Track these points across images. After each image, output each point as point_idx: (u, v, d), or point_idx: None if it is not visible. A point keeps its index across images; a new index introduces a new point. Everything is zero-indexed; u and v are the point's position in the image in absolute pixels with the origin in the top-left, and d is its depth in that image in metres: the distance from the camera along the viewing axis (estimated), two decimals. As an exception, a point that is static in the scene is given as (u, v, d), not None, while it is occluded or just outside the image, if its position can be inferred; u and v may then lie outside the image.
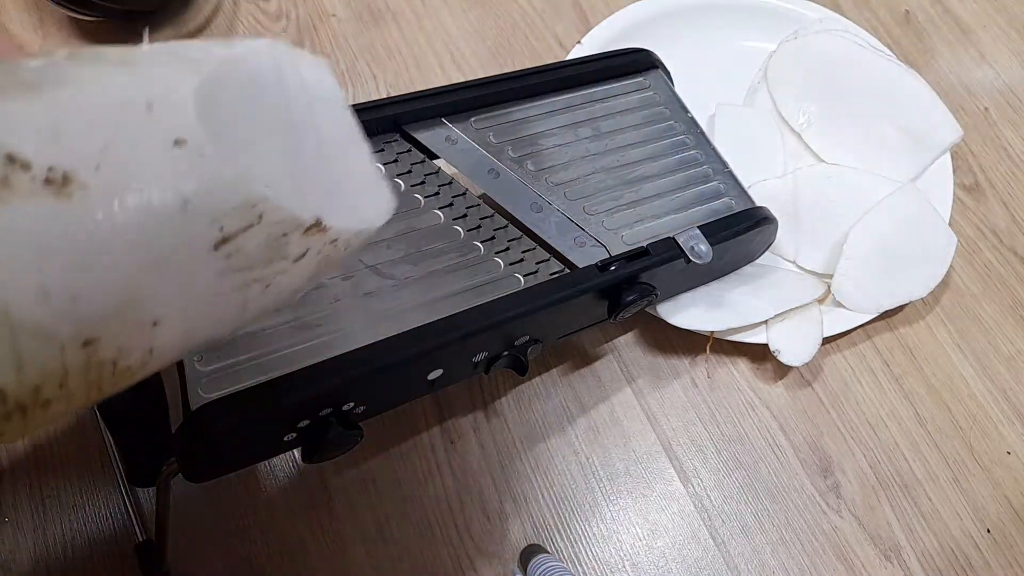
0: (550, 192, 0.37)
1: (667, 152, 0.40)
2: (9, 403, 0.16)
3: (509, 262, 0.34)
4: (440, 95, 0.37)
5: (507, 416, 0.42)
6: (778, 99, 0.48)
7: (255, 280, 0.20)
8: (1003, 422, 0.43)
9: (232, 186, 0.18)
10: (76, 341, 0.16)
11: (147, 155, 0.17)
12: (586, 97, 0.41)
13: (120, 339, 0.17)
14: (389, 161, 0.35)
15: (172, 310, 0.18)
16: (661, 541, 0.40)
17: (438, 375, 0.32)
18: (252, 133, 0.20)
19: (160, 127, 0.18)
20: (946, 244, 0.44)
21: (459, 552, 0.39)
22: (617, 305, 0.35)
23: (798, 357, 0.41)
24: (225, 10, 0.52)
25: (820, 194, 0.45)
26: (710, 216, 0.38)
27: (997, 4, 0.57)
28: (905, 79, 0.48)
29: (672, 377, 0.44)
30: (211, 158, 0.18)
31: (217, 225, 0.18)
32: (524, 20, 0.54)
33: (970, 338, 0.45)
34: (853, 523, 0.40)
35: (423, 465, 0.41)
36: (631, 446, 0.42)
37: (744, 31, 0.52)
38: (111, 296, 0.17)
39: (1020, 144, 0.52)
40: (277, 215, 0.19)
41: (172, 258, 0.18)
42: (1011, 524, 0.41)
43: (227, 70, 0.20)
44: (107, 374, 0.18)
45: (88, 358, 0.17)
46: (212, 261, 0.18)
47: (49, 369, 0.16)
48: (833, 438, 0.42)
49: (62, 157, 0.16)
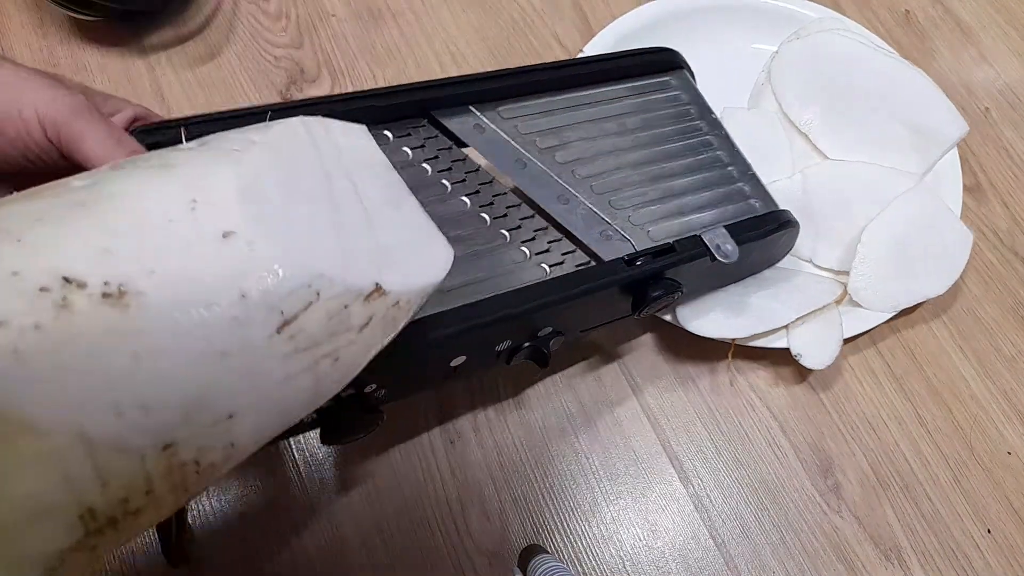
0: (577, 185, 0.37)
1: (693, 151, 0.40)
2: (99, 519, 0.16)
3: (535, 252, 0.34)
4: (470, 82, 0.37)
5: (507, 416, 0.42)
6: (783, 100, 0.48)
7: (323, 356, 0.20)
8: (1004, 423, 0.43)
9: (285, 270, 0.19)
10: (155, 449, 0.16)
11: (198, 253, 0.18)
12: (613, 93, 0.41)
13: (198, 439, 0.17)
14: (416, 146, 0.35)
15: (245, 401, 0.18)
16: (661, 541, 0.40)
17: (461, 362, 0.32)
18: (297, 213, 0.20)
19: (206, 224, 0.18)
20: (961, 241, 0.44)
21: (459, 552, 0.39)
22: (642, 300, 0.35)
23: (821, 360, 0.40)
24: (225, 10, 0.52)
25: (832, 191, 0.45)
26: (735, 217, 0.38)
27: (997, 4, 0.57)
28: (908, 76, 0.48)
29: (672, 377, 0.43)
30: (260, 246, 0.18)
31: (276, 311, 0.18)
32: (524, 20, 0.54)
33: (971, 339, 0.45)
34: (853, 523, 0.40)
35: (423, 465, 0.41)
36: (631, 446, 0.42)
37: (745, 33, 0.52)
38: (181, 399, 0.17)
39: (1021, 144, 0.52)
40: (334, 289, 0.20)
41: (236, 350, 0.18)
42: (1011, 524, 0.41)
43: (265, 156, 0.21)
44: (191, 474, 0.18)
45: (170, 462, 0.17)
46: (276, 346, 0.19)
47: (133, 480, 0.16)
48: (834, 438, 0.42)
49: (116, 270, 0.16)
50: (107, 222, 0.17)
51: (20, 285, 0.15)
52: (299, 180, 0.21)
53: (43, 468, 0.15)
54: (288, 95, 0.50)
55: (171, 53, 0.50)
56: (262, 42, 0.52)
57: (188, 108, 0.49)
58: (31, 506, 0.15)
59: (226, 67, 0.50)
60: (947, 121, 0.46)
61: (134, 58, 0.50)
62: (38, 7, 0.51)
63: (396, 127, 0.34)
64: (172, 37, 0.51)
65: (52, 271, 0.16)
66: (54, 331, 0.15)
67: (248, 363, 0.18)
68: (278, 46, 0.52)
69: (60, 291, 0.15)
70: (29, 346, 0.15)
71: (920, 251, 0.44)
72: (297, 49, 0.52)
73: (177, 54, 0.50)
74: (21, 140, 0.26)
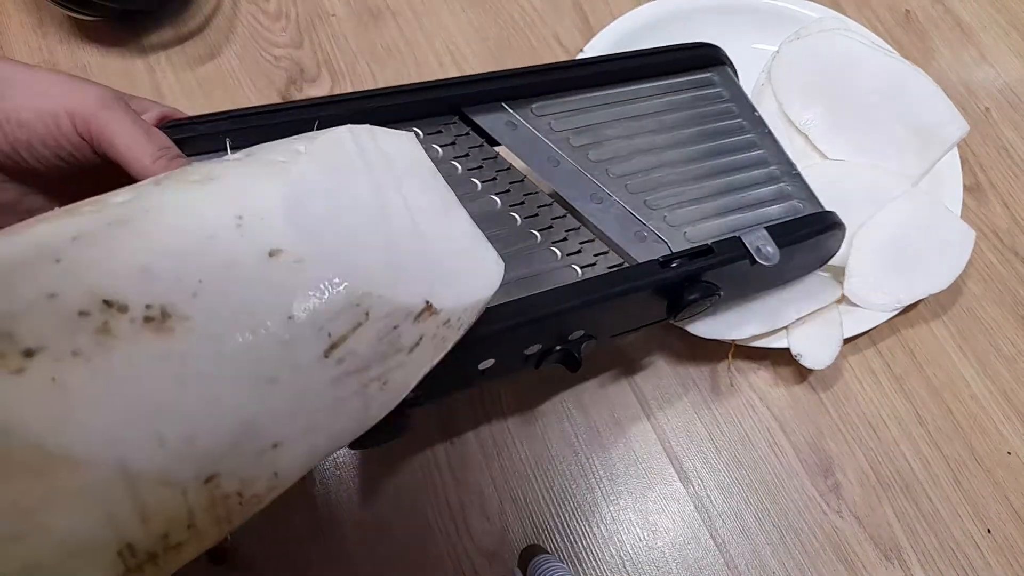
0: (611, 184, 0.36)
1: (733, 150, 0.39)
2: (139, 555, 0.15)
3: (566, 252, 0.33)
4: (502, 79, 0.36)
5: (507, 416, 0.42)
6: (783, 100, 0.48)
7: (372, 380, 0.19)
8: (1004, 422, 0.43)
9: (333, 289, 0.18)
10: (198, 481, 0.16)
11: (243, 272, 0.17)
12: (650, 90, 0.40)
13: (242, 470, 0.17)
14: (446, 143, 0.34)
15: (291, 429, 0.18)
16: (661, 541, 0.40)
17: (489, 365, 0.31)
18: (345, 227, 0.20)
19: (252, 241, 0.17)
20: (962, 237, 0.45)
21: (459, 552, 0.39)
22: (678, 304, 0.34)
23: (821, 360, 0.40)
24: (225, 10, 0.52)
25: (831, 191, 0.45)
26: (777, 218, 0.37)
27: (997, 4, 0.57)
28: (909, 75, 0.47)
29: (672, 378, 0.43)
30: (308, 264, 0.17)
31: (324, 332, 0.18)
32: (524, 20, 0.54)
33: (971, 338, 0.45)
34: (854, 523, 0.40)
35: (423, 465, 0.41)
36: (631, 446, 0.42)
37: (746, 33, 0.52)
38: (227, 427, 0.16)
39: (1021, 144, 0.52)
40: (384, 308, 0.19)
41: (283, 376, 0.17)
42: (1012, 524, 0.41)
43: (312, 167, 0.20)
44: (234, 506, 0.17)
45: (212, 495, 0.16)
46: (324, 370, 0.18)
47: (175, 514, 0.16)
48: (834, 438, 0.42)
49: (158, 292, 0.16)
50: (149, 240, 0.16)
51: (58, 309, 0.15)
52: (347, 192, 0.21)
53: (82, 503, 0.14)
54: (288, 95, 0.50)
55: (171, 53, 0.50)
56: (262, 42, 0.52)
57: (188, 108, 0.49)
58: (70, 544, 0.14)
59: (226, 67, 0.50)
60: (947, 121, 0.46)
61: (134, 58, 0.50)
62: (37, 7, 0.51)
63: (426, 124, 0.34)
64: (172, 37, 0.51)
65: (92, 294, 0.15)
66: (94, 358, 0.15)
67: (295, 389, 0.17)
68: (278, 46, 0.52)
69: (100, 315, 0.15)
70: (67, 374, 0.14)
71: (917, 250, 0.44)
72: (297, 49, 0.52)
73: (177, 54, 0.50)
74: (52, 137, 0.25)
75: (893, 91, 0.47)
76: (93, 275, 0.15)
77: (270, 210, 0.18)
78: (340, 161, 0.21)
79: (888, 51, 0.49)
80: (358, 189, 0.21)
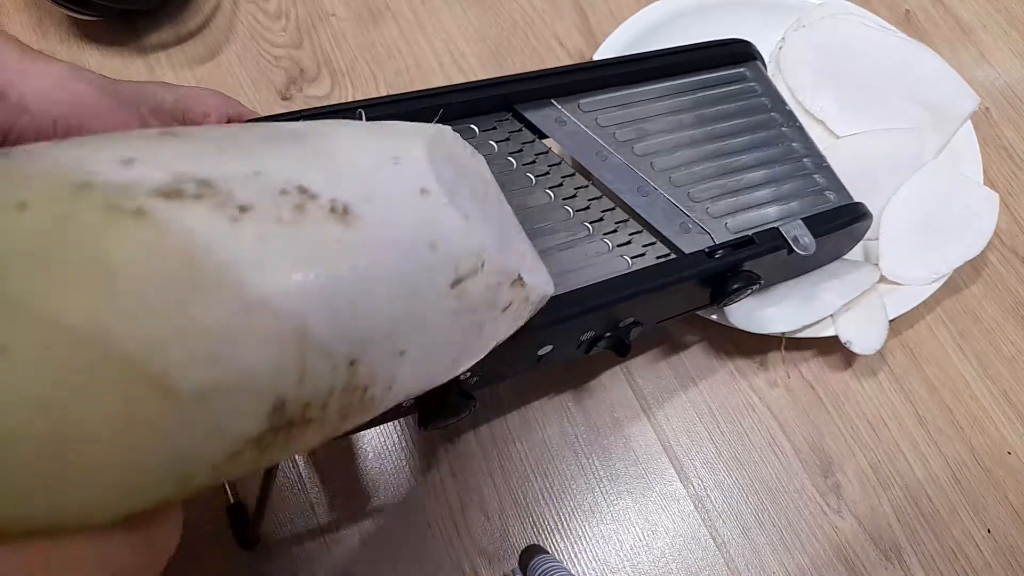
0: (656, 177, 0.37)
1: (768, 143, 0.41)
2: (284, 416, 0.16)
3: (616, 244, 0.35)
4: (551, 76, 0.37)
5: (507, 416, 0.42)
6: (794, 88, 0.49)
7: (473, 323, 0.22)
8: (1004, 422, 0.43)
9: (465, 233, 0.21)
10: (346, 360, 0.18)
11: (402, 200, 0.20)
12: (688, 85, 0.41)
13: (375, 366, 0.19)
14: (501, 139, 0.35)
15: (415, 343, 0.20)
16: (661, 541, 0.40)
17: (547, 351, 0.33)
18: (467, 191, 0.23)
19: (408, 177, 0.20)
20: (987, 202, 0.45)
21: (459, 552, 0.39)
22: (722, 292, 0.36)
23: (871, 345, 0.41)
24: (225, 10, 0.52)
25: (853, 167, 0.45)
26: (810, 209, 0.39)
27: (997, 4, 0.57)
28: (916, 53, 0.48)
29: (672, 377, 0.43)
30: (448, 208, 0.20)
31: (454, 265, 0.20)
32: (524, 20, 0.54)
33: (971, 338, 0.45)
34: (854, 523, 0.40)
35: (424, 465, 0.41)
36: (631, 446, 0.42)
37: (750, 24, 0.52)
38: (379, 319, 0.18)
39: (1021, 144, 0.52)
40: (495, 265, 0.22)
41: (422, 291, 0.19)
42: (1011, 524, 0.41)
43: (440, 137, 0.23)
44: (356, 401, 0.19)
45: (349, 379, 0.18)
46: (448, 299, 0.20)
47: (321, 385, 0.17)
48: (834, 438, 0.42)
49: (341, 191, 0.18)
50: (325, 154, 0.19)
51: (264, 183, 0.17)
52: (460, 170, 0.23)
53: (266, 347, 0.16)
54: (287, 95, 0.50)
55: (171, 53, 0.50)
56: (262, 42, 0.52)
57: (188, 108, 0.49)
58: (247, 379, 0.15)
59: (225, 67, 0.50)
60: (958, 94, 0.47)
61: (133, 58, 0.50)
62: (37, 6, 0.51)
63: (482, 121, 0.35)
64: (171, 37, 0.51)
65: (288, 179, 0.17)
66: (292, 226, 0.17)
67: (426, 308, 0.20)
68: (278, 46, 0.52)
69: (297, 196, 0.17)
70: (271, 235, 0.16)
71: (944, 221, 0.44)
72: (297, 49, 0.52)
73: (176, 54, 0.50)
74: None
75: (902, 70, 0.48)
76: (285, 166, 0.18)
77: (418, 159, 0.21)
78: (452, 144, 0.24)
79: (892, 31, 0.50)
80: (465, 171, 0.24)
